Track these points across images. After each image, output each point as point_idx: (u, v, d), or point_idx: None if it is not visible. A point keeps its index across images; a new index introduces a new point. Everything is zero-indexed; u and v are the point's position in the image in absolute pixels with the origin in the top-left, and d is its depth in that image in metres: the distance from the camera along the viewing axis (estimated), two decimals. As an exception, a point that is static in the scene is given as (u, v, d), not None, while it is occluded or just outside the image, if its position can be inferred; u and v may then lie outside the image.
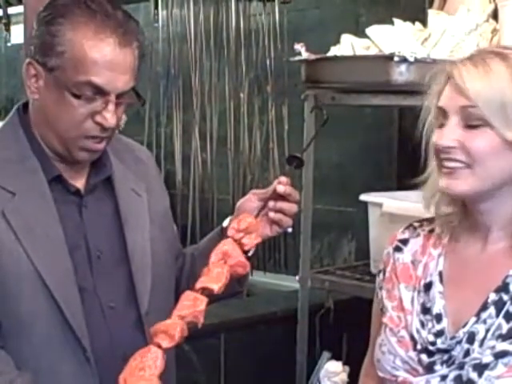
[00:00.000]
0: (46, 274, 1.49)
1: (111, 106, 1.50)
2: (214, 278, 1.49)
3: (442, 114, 1.44)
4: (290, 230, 1.68)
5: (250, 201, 1.67)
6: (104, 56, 1.48)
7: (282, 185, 1.61)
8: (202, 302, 1.46)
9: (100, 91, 1.49)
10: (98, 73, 1.48)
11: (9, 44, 5.44)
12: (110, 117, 1.51)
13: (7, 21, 5.29)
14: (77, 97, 1.49)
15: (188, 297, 1.47)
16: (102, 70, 1.48)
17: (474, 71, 1.40)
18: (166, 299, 1.63)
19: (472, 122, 1.40)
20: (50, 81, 1.52)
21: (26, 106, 1.63)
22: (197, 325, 1.46)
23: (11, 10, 5.19)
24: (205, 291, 1.48)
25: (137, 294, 1.60)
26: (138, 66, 1.56)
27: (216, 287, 1.48)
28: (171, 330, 1.41)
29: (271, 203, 1.63)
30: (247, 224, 1.57)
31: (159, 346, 1.41)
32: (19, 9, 4.62)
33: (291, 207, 1.64)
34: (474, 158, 1.40)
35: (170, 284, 1.71)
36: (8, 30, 5.35)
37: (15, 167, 1.55)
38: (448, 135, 1.42)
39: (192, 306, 1.45)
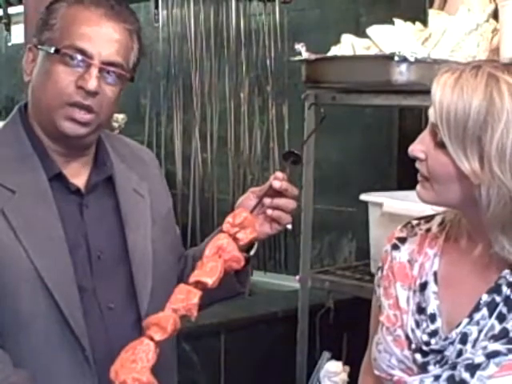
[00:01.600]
0: (45, 273, 1.49)
1: (94, 70, 1.52)
2: (208, 271, 1.48)
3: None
4: (289, 226, 1.66)
5: (249, 199, 1.65)
6: (89, 24, 1.53)
7: (277, 180, 1.59)
8: (196, 295, 1.45)
9: (83, 53, 1.52)
10: (82, 37, 1.52)
11: (9, 44, 5.45)
12: (91, 80, 1.51)
13: (7, 21, 5.30)
14: (58, 52, 1.52)
15: (181, 290, 1.46)
16: (86, 36, 1.52)
17: (448, 92, 1.37)
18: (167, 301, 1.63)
19: (438, 140, 1.39)
20: (41, 56, 1.55)
21: (27, 105, 1.63)
22: (190, 318, 1.45)
23: (11, 10, 5.20)
24: (199, 285, 1.47)
25: (137, 294, 1.59)
26: (134, 60, 1.59)
27: (210, 281, 1.47)
28: (163, 322, 1.41)
29: (268, 200, 1.61)
30: (242, 219, 1.55)
31: (152, 339, 1.40)
32: (19, 9, 4.63)
33: (289, 203, 1.61)
34: (433, 176, 1.41)
35: (171, 285, 1.69)
36: (8, 30, 5.36)
37: (16, 165, 1.55)
38: (418, 146, 1.43)
39: (185, 300, 1.44)
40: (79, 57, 1.52)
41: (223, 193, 4.08)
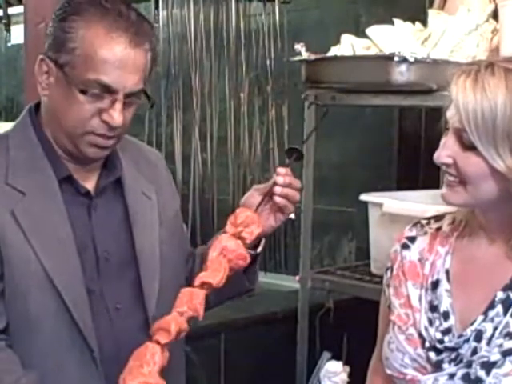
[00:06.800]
0: (54, 274, 1.50)
1: (118, 105, 1.50)
2: (213, 272, 1.49)
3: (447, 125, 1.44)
4: (292, 216, 1.68)
5: (253, 197, 1.65)
6: (114, 54, 1.49)
7: (280, 176, 1.60)
8: (199, 295, 1.46)
9: (108, 89, 1.49)
10: (107, 71, 1.49)
11: (9, 44, 5.44)
12: (116, 116, 1.50)
13: (7, 21, 5.30)
14: (84, 93, 1.49)
15: (185, 293, 1.47)
16: (111, 68, 1.49)
17: (471, 95, 1.38)
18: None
19: (466, 143, 1.40)
20: (60, 77, 1.52)
21: (37, 106, 1.62)
22: (197, 318, 1.46)
23: (11, 10, 5.20)
24: (204, 286, 1.48)
25: (144, 296, 1.60)
26: (149, 69, 1.57)
27: (214, 281, 1.48)
28: (166, 325, 1.42)
29: (278, 189, 1.61)
30: (244, 217, 1.56)
31: (158, 343, 1.41)
32: (19, 9, 4.63)
33: (295, 194, 1.63)
34: (464, 178, 1.41)
35: (179, 286, 1.69)
36: (8, 30, 5.36)
37: (26, 167, 1.55)
38: (444, 151, 1.43)
39: (189, 301, 1.45)
40: (105, 94, 1.49)
41: (223, 193, 4.08)
